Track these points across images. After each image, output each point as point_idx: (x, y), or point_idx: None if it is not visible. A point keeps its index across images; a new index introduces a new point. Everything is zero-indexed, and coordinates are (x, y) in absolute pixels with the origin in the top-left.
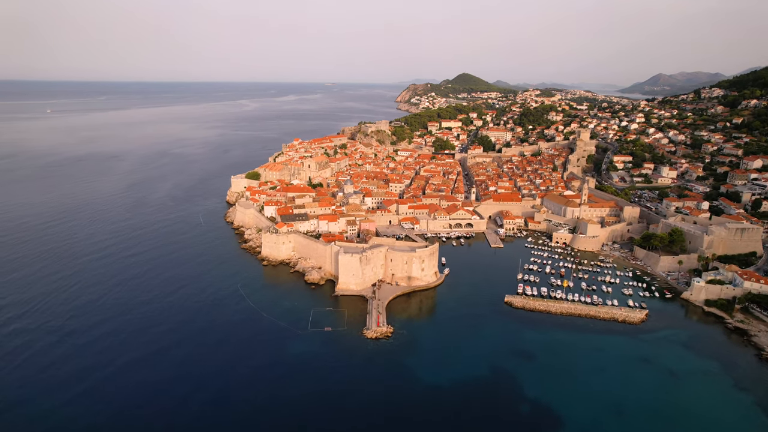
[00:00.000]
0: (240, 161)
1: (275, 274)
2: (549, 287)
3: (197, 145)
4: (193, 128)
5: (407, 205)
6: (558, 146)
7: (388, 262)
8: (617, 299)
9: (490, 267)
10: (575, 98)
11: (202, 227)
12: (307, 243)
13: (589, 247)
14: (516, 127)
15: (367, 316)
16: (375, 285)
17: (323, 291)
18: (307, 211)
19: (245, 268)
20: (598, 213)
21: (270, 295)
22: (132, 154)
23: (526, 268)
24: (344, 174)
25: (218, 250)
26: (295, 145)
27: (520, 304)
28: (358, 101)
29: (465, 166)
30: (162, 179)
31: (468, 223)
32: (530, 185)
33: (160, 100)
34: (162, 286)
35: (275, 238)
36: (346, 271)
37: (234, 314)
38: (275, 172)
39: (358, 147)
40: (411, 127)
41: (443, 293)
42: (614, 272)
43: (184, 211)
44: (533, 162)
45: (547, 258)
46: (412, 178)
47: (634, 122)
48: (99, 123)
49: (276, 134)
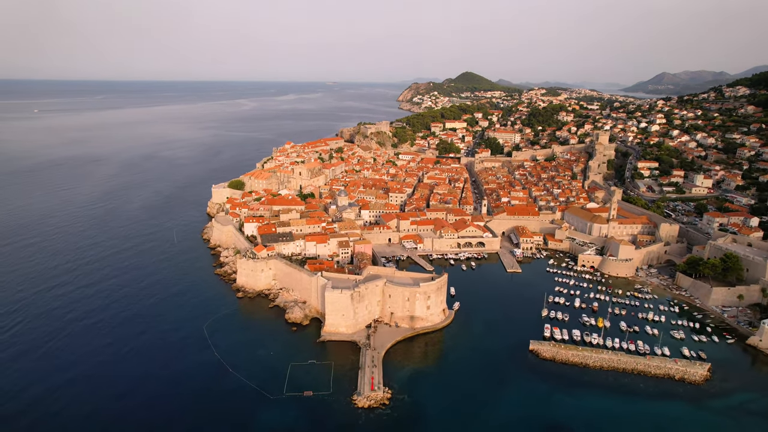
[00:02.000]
0: (230, 165)
1: (251, 309)
2: (581, 328)
3: (187, 147)
4: (187, 128)
5: (409, 221)
6: (574, 150)
7: (386, 298)
8: (668, 346)
9: (507, 298)
10: (582, 97)
11: (175, 247)
12: (290, 272)
13: (621, 273)
14: (524, 128)
15: (359, 372)
16: (370, 327)
17: (307, 334)
18: (293, 230)
19: (216, 302)
20: (628, 230)
21: (241, 340)
22: (116, 157)
23: (551, 301)
24: (339, 182)
25: (189, 277)
26: (287, 150)
27: (549, 354)
28: (359, 100)
29: (472, 172)
30: (141, 186)
31: (479, 242)
32: (547, 195)
33: (158, 99)
34: (118, 330)
35: (252, 265)
36: (334, 311)
37: (193, 369)
38: (262, 180)
39: (355, 151)
40: (413, 128)
41: (453, 336)
42: (656, 306)
43: (158, 226)
44: (548, 168)
45: (573, 286)
46: (414, 187)
47: (654, 123)
48: (89, 123)
49: (272, 135)
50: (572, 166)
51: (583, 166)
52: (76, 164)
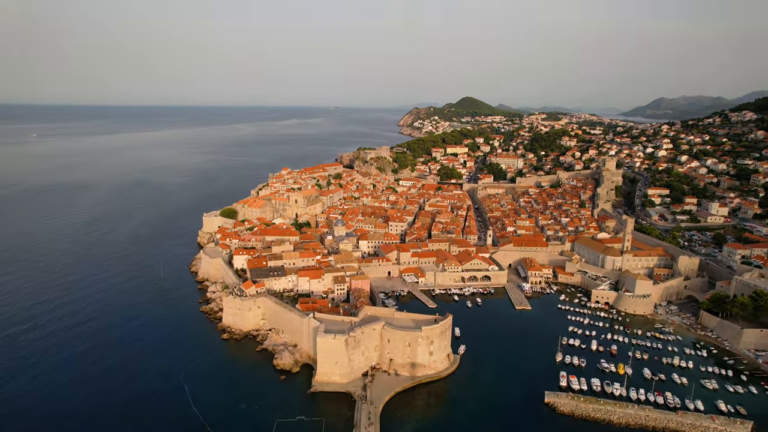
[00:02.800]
0: (225, 191)
1: (237, 353)
2: (600, 376)
3: (181, 173)
4: (182, 154)
5: (410, 252)
6: (580, 176)
7: (385, 343)
8: (701, 398)
9: (517, 340)
10: (583, 122)
11: (161, 282)
12: (280, 311)
13: (639, 310)
14: (527, 153)
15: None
16: (367, 375)
17: (296, 383)
18: (285, 263)
19: (199, 344)
20: (644, 263)
21: (223, 390)
22: (105, 183)
23: (566, 344)
24: (337, 210)
25: (172, 316)
26: (283, 176)
27: (567, 409)
28: (360, 125)
29: (475, 199)
30: (128, 215)
31: (485, 275)
32: (555, 225)
33: (157, 124)
34: (88, 385)
35: (239, 304)
36: (327, 358)
37: (164, 426)
38: (255, 209)
39: (354, 177)
40: (414, 153)
41: (459, 386)
42: (681, 350)
43: (144, 258)
44: (554, 195)
45: (588, 326)
46: (415, 215)
47: (661, 148)
48: (83, 148)
49: (270, 160)
50: (579, 193)
51: (591, 193)
52: (65, 190)
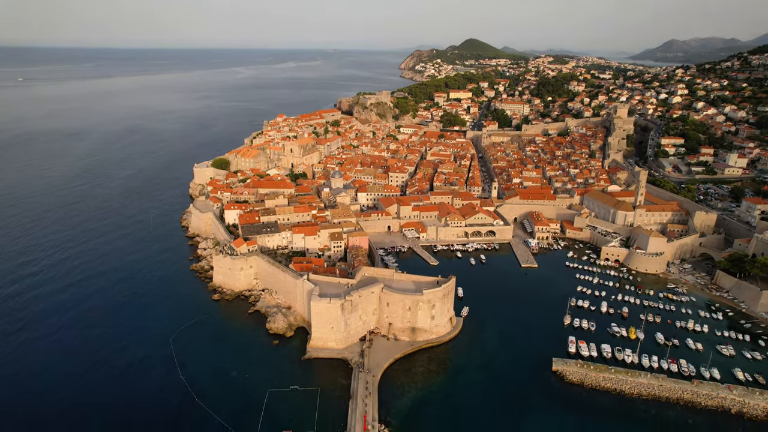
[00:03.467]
0: (220, 139)
1: (228, 315)
2: (611, 341)
3: (176, 120)
4: (178, 99)
5: (411, 206)
6: (589, 124)
7: (384, 307)
8: (717, 366)
9: (523, 301)
10: (591, 65)
11: (151, 236)
12: (273, 272)
13: (651, 269)
14: (533, 98)
15: (350, 403)
16: (364, 340)
17: (290, 349)
18: (279, 219)
19: (189, 306)
20: (657, 218)
21: (213, 356)
22: (97, 130)
23: (574, 305)
24: (335, 160)
25: (161, 274)
26: (278, 123)
27: (576, 377)
28: (360, 68)
29: (479, 147)
30: (121, 164)
31: (489, 230)
32: (563, 176)
33: (151, 68)
34: (72, 345)
35: (230, 263)
36: (322, 323)
37: (153, 397)
38: (249, 159)
39: (353, 124)
40: (415, 98)
41: (461, 352)
42: (696, 312)
43: (134, 210)
44: (562, 144)
45: (598, 285)
46: (416, 165)
47: (675, 94)
48: (73, 93)
49: (268, 106)
50: (589, 143)
51: (602, 142)
52: (54, 138)
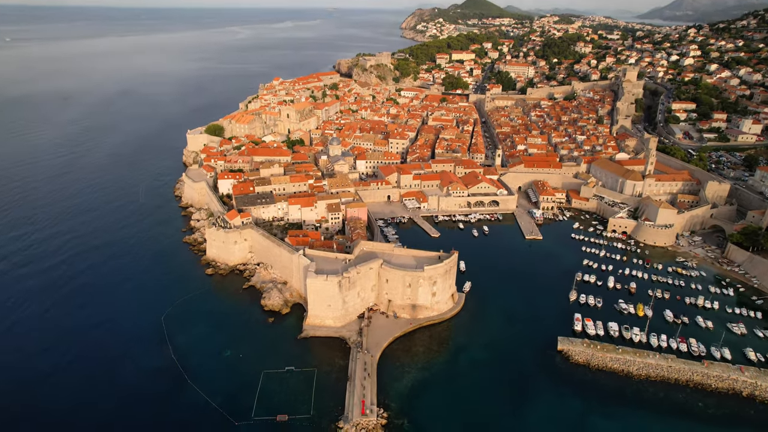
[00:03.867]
0: (215, 103)
1: (221, 290)
2: (618, 319)
3: (170, 83)
4: (172, 60)
5: (411, 175)
6: (597, 88)
7: (383, 283)
8: (728, 346)
9: (527, 275)
10: (597, 25)
11: (143, 207)
12: (268, 246)
13: (659, 241)
14: (538, 60)
15: (347, 386)
16: (363, 317)
17: (286, 327)
18: (274, 189)
19: (181, 281)
20: (667, 188)
21: (206, 335)
22: (89, 93)
23: (580, 280)
24: (333, 125)
25: (154, 247)
26: (275, 87)
27: (582, 358)
28: (360, 28)
29: (482, 112)
30: (112, 130)
31: (493, 200)
32: (569, 143)
33: (144, 28)
34: (61, 324)
35: (224, 236)
36: (319, 300)
37: (143, 379)
38: (243, 125)
39: (352, 87)
40: (417, 59)
41: (463, 329)
42: (706, 287)
43: (126, 180)
44: (569, 109)
45: (605, 259)
46: (417, 130)
47: (686, 56)
48: (64, 54)
49: (266, 68)
50: (597, 107)
51: (610, 107)
52: (44, 102)
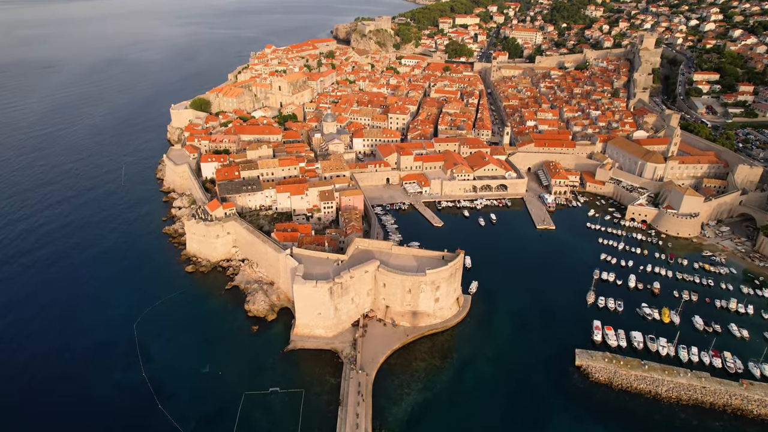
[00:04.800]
0: (205, 72)
1: (202, 292)
2: (642, 325)
3: (159, 49)
4: (162, 25)
5: (412, 155)
6: (611, 56)
7: (380, 287)
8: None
9: (540, 273)
10: None
11: (122, 191)
12: (253, 241)
13: (683, 232)
14: (546, 25)
15: (339, 411)
16: (357, 324)
17: (271, 337)
18: (262, 174)
19: (157, 279)
20: (691, 171)
21: (181, 347)
22: (73, 61)
23: (598, 278)
24: (329, 97)
25: (130, 238)
26: (267, 55)
27: (604, 376)
28: None
29: (488, 82)
30: (96, 101)
31: (501, 184)
32: (583, 119)
33: None
34: (27, 329)
35: (204, 230)
36: (308, 308)
37: (108, 401)
38: (232, 98)
39: (350, 56)
40: (418, 24)
41: (469, 339)
42: (737, 288)
43: (106, 159)
44: (581, 80)
45: (623, 253)
46: (419, 103)
47: (707, 21)
48: (46, 18)
49: (258, 33)
50: (612, 79)
51: (626, 78)
52: (24, 71)
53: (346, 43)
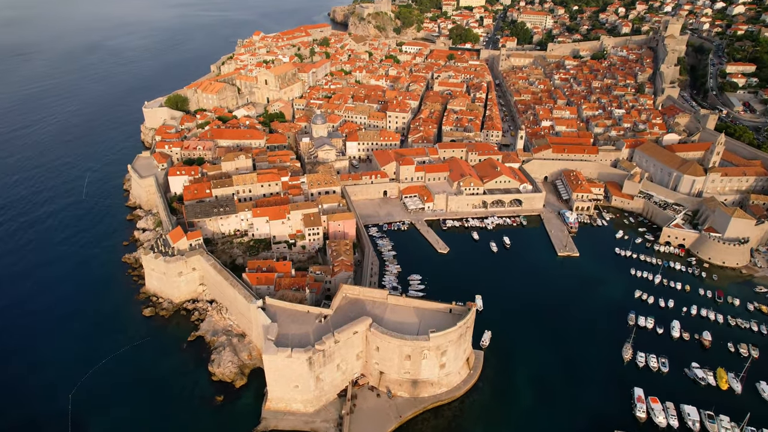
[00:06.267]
0: (192, 60)
1: (161, 342)
2: (697, 401)
3: (145, 33)
4: (148, 7)
5: (414, 165)
6: (631, 44)
7: (372, 350)
8: None
9: (563, 315)
10: None
11: (82, 206)
12: (220, 283)
13: (730, 261)
14: (557, 7)
15: None
16: (345, 395)
17: (240, 409)
18: (238, 191)
19: (109, 325)
20: (734, 185)
21: (127, 427)
22: (49, 48)
23: (633, 324)
24: (321, 91)
25: (81, 268)
26: (254, 43)
27: None
28: None
29: (496, 72)
30: (67, 94)
31: (515, 198)
32: (604, 118)
33: None
34: None
35: (164, 266)
36: (282, 381)
37: None
38: (212, 95)
39: (345, 43)
40: (420, 6)
41: (481, 413)
42: None
43: (70, 164)
44: (599, 71)
45: (661, 289)
46: (421, 97)
47: (736, 3)
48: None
49: (252, 15)
50: (635, 71)
51: (651, 70)
52: None
53: (344, 27)
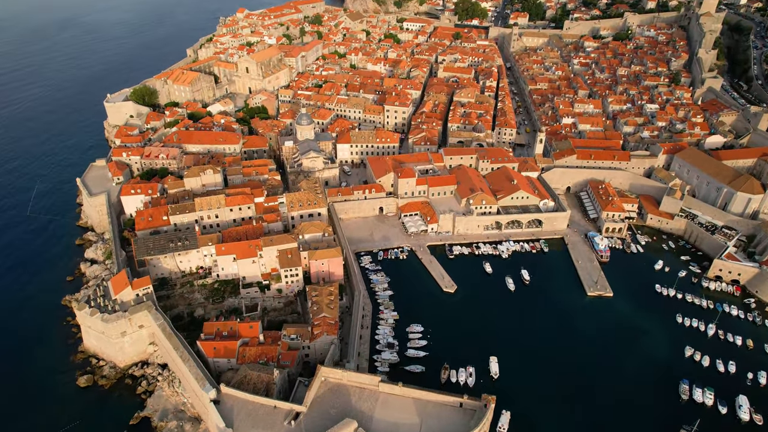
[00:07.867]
0: (176, 37)
1: (96, 426)
2: None
3: (129, 6)
4: None
5: (415, 177)
6: (660, 23)
7: None
8: None
9: (600, 384)
10: None
11: (24, 225)
12: (171, 351)
13: None
14: None
15: None
16: None
17: None
18: (201, 217)
19: (31, 401)
20: None
21: None
22: (19, 22)
23: (687, 398)
24: (310, 79)
25: (6, 315)
26: (238, 22)
27: None
28: None
29: (507, 55)
30: (28, 82)
31: (535, 219)
32: (634, 114)
33: None
34: None
35: (103, 326)
36: None
37: None
38: (184, 86)
39: (340, 20)
40: None
41: None
42: None
43: (18, 170)
44: (625, 56)
45: (717, 344)
46: (424, 86)
47: None
48: None
49: None
50: (667, 55)
51: (686, 55)
52: None
53: (340, 1)
